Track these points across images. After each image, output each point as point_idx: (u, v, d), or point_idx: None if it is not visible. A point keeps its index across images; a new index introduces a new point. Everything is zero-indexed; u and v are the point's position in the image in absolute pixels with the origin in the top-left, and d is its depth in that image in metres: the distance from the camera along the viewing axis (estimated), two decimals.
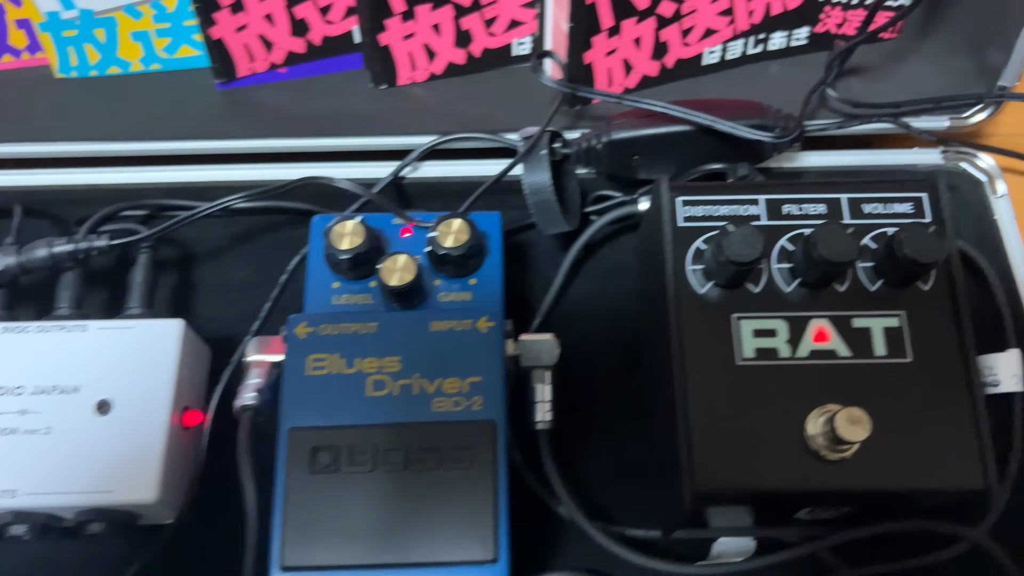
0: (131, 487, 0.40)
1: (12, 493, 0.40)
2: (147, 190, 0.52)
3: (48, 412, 0.42)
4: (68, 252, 0.45)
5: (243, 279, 0.51)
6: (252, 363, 0.42)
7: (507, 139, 0.50)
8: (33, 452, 0.41)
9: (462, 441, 0.38)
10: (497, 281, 0.44)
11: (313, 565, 0.36)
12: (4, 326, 0.44)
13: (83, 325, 0.44)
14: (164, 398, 0.42)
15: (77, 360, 0.43)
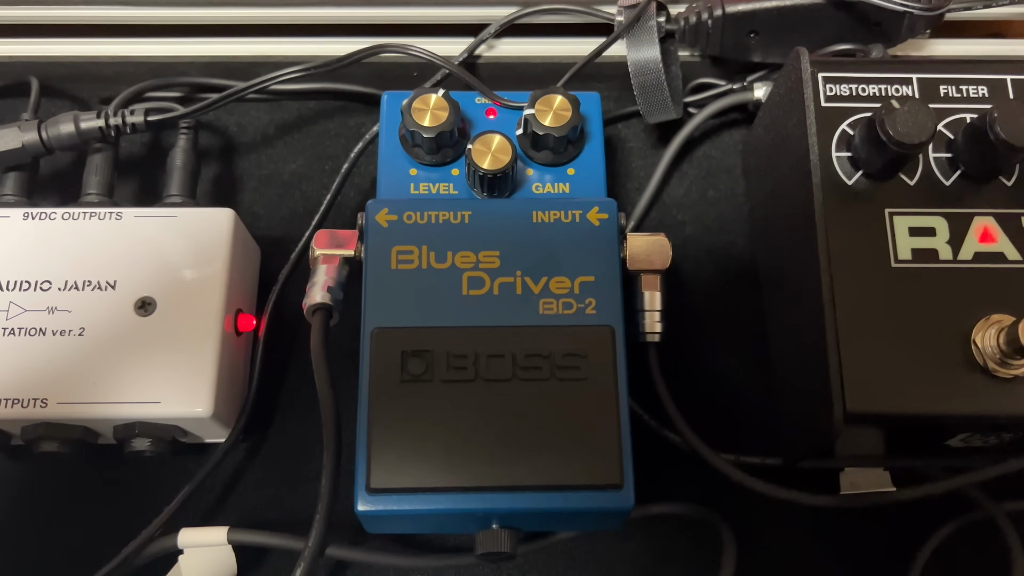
0: (181, 398, 0.35)
1: (43, 402, 0.34)
2: (181, 65, 0.45)
3: (81, 310, 0.36)
4: (98, 129, 0.39)
5: (293, 172, 0.44)
6: (320, 258, 0.36)
7: (602, 11, 0.44)
8: (65, 356, 0.35)
9: (576, 348, 0.32)
10: (599, 170, 0.38)
11: (405, 487, 0.30)
12: (26, 212, 0.37)
13: (118, 212, 0.38)
14: (216, 297, 0.36)
15: (113, 252, 0.37)
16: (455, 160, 0.38)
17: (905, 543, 0.38)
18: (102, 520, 0.38)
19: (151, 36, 0.45)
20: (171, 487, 0.37)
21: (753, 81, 0.42)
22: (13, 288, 0.36)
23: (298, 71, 0.40)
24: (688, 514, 0.37)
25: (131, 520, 0.36)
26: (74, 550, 0.37)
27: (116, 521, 0.37)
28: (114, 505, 0.38)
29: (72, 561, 0.37)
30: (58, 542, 0.38)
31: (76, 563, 0.36)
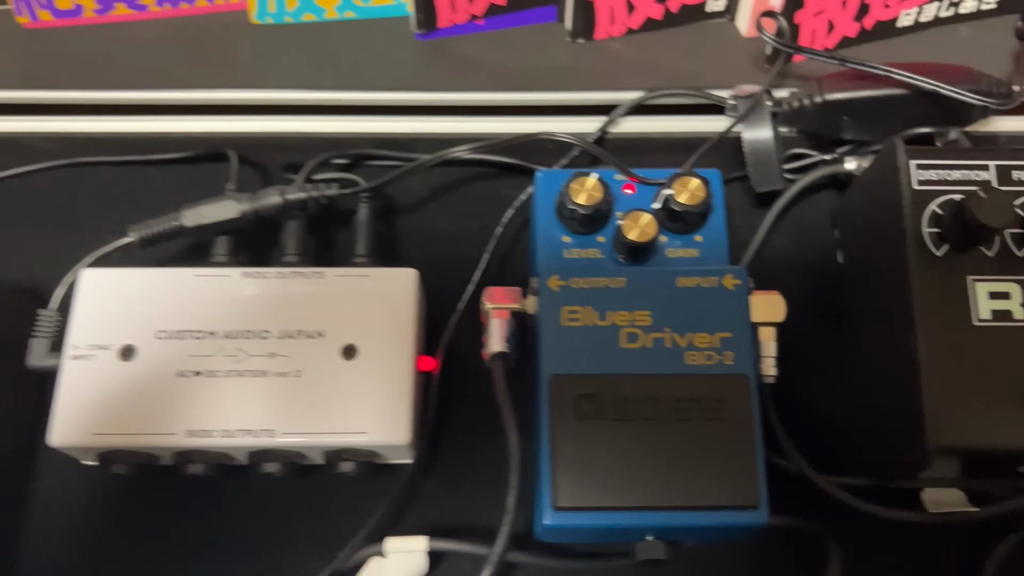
0: (384, 429, 0.42)
1: (270, 433, 0.42)
2: (350, 139, 0.53)
3: (296, 355, 0.43)
4: (300, 201, 0.46)
5: (445, 231, 0.52)
6: (492, 311, 0.43)
7: (715, 95, 0.51)
8: (286, 394, 0.43)
9: (717, 393, 0.39)
10: (722, 237, 0.45)
11: (585, 506, 0.38)
12: (244, 272, 0.45)
13: (320, 272, 0.45)
14: (407, 344, 0.44)
15: (318, 306, 0.44)
16: (601, 229, 0.45)
17: (975, 554, 0.45)
18: (309, 529, 0.45)
19: (322, 115, 0.52)
20: (360, 501, 0.45)
21: (844, 154, 0.50)
22: (238, 336, 0.44)
23: (472, 148, 0.48)
24: (799, 527, 0.44)
25: (330, 529, 0.45)
26: (292, 552, 0.45)
27: (321, 530, 0.45)
28: (318, 517, 0.45)
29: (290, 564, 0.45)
30: (281, 543, 0.45)
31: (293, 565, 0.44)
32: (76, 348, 0.43)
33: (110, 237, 0.50)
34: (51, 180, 0.52)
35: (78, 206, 0.52)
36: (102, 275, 0.45)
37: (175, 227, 0.45)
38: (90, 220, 0.51)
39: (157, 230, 0.45)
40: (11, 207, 0.52)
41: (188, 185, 0.52)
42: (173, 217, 0.45)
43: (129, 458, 0.42)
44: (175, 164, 0.52)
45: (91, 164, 0.52)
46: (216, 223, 0.46)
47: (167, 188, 0.52)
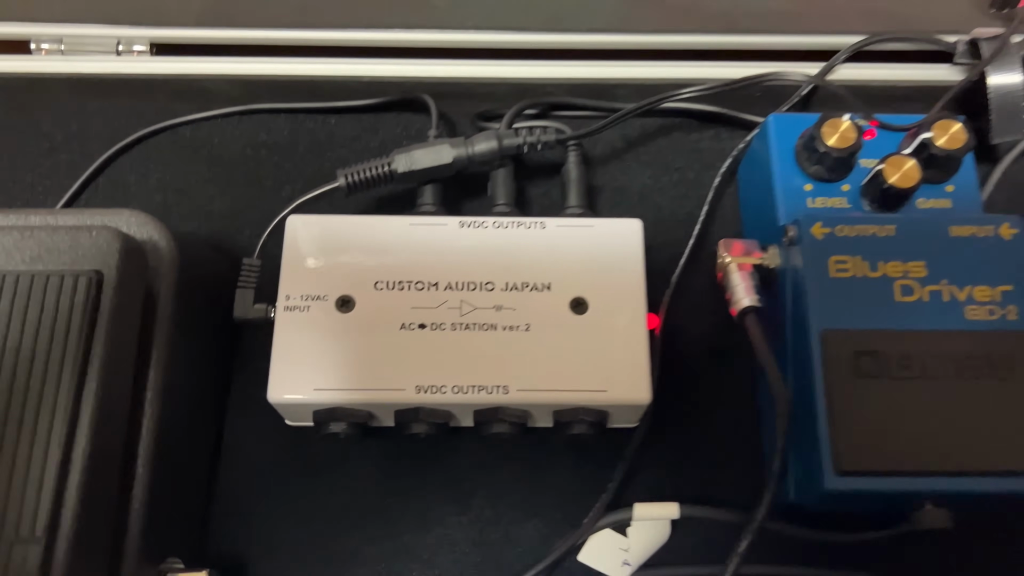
0: (626, 387, 0.39)
1: (505, 389, 0.39)
2: (545, 86, 0.50)
3: (524, 309, 0.41)
4: (515, 147, 0.43)
5: (642, 185, 0.49)
6: (736, 265, 0.40)
7: (943, 40, 0.48)
8: (517, 349, 0.40)
9: (1004, 351, 0.36)
10: (974, 188, 0.42)
11: (870, 469, 0.35)
12: (461, 220, 0.42)
13: (541, 222, 0.42)
14: (639, 298, 0.41)
15: (542, 257, 0.42)
16: (845, 177, 0.42)
17: None
18: (533, 493, 0.42)
19: (519, 59, 0.49)
20: (585, 465, 0.42)
21: None
22: (462, 288, 0.41)
23: (695, 92, 0.45)
24: None
25: (556, 495, 0.42)
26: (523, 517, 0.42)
27: (546, 496, 0.42)
28: (540, 482, 0.42)
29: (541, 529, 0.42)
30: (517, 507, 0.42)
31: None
32: (289, 299, 0.40)
33: (290, 188, 0.48)
34: (228, 128, 0.50)
35: (257, 155, 0.49)
36: (310, 221, 0.42)
37: (385, 172, 0.42)
38: (269, 170, 0.49)
39: (366, 175, 0.42)
40: (187, 154, 0.49)
41: (371, 134, 0.50)
42: (384, 161, 0.43)
43: (349, 416, 0.40)
44: (358, 112, 0.50)
45: (271, 111, 0.49)
46: (428, 169, 0.43)
47: (350, 137, 0.49)
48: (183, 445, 0.40)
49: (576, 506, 0.41)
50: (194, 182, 0.48)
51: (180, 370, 0.39)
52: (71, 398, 0.33)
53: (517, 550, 0.41)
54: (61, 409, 0.33)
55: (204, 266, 0.43)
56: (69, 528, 0.32)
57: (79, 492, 0.33)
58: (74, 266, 0.35)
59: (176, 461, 0.39)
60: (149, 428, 0.37)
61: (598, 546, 0.41)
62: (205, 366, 0.43)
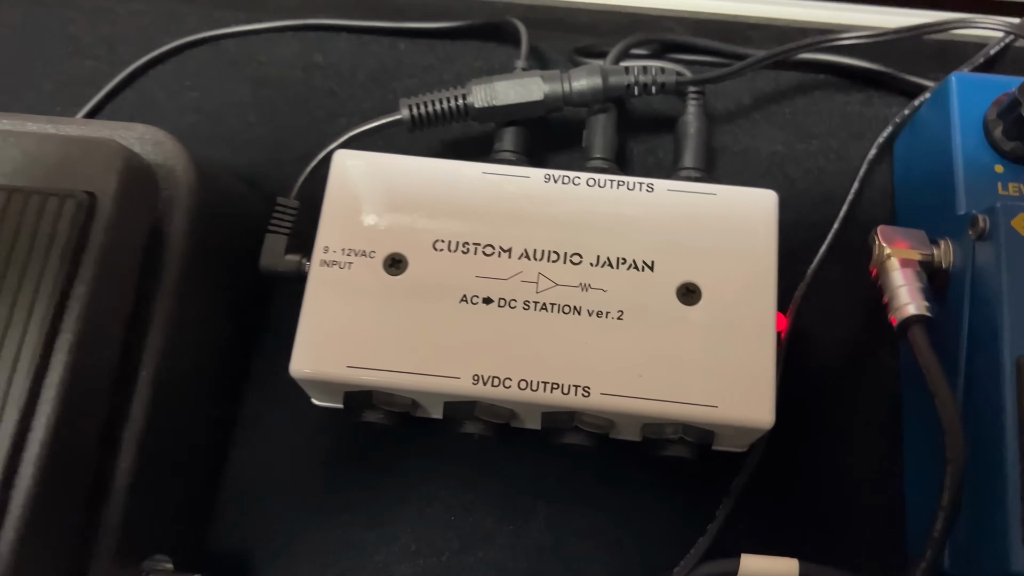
0: (743, 405, 0.30)
1: (586, 391, 0.31)
2: (665, 19, 0.40)
3: (617, 291, 0.32)
4: (624, 87, 0.35)
5: (772, 152, 0.40)
6: (896, 260, 0.31)
7: None
8: (604, 341, 0.31)
9: None
10: None
11: None
12: (546, 174, 0.34)
13: (650, 184, 0.34)
14: (768, 291, 0.32)
15: (647, 229, 0.33)
16: None
17: None
18: (618, 519, 0.34)
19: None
20: (674, 495, 0.34)
21: None
22: (541, 258, 0.33)
23: (848, 39, 0.35)
24: None
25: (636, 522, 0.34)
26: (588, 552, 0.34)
27: (622, 522, 0.34)
28: (615, 513, 0.34)
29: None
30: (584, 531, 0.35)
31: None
32: (328, 251, 0.32)
33: (344, 120, 0.40)
34: (279, 44, 0.42)
35: (308, 79, 0.41)
36: (363, 159, 0.34)
37: (459, 106, 0.34)
38: (321, 97, 0.41)
39: (436, 108, 0.34)
40: (228, 71, 0.41)
41: (446, 64, 0.41)
42: (458, 93, 0.34)
43: (387, 403, 0.32)
44: (431, 37, 0.42)
45: (329, 28, 0.42)
46: (512, 106, 0.34)
47: (420, 67, 0.41)
48: (184, 423, 0.33)
49: (660, 544, 0.33)
50: (233, 104, 0.40)
51: (188, 329, 0.32)
52: (37, 354, 0.26)
53: None
54: (23, 371, 0.26)
55: (233, 203, 0.35)
56: (26, 497, 0.25)
57: (42, 455, 0.25)
58: (62, 184, 0.28)
59: (174, 442, 0.32)
60: (141, 400, 0.30)
61: None
62: (221, 326, 0.36)
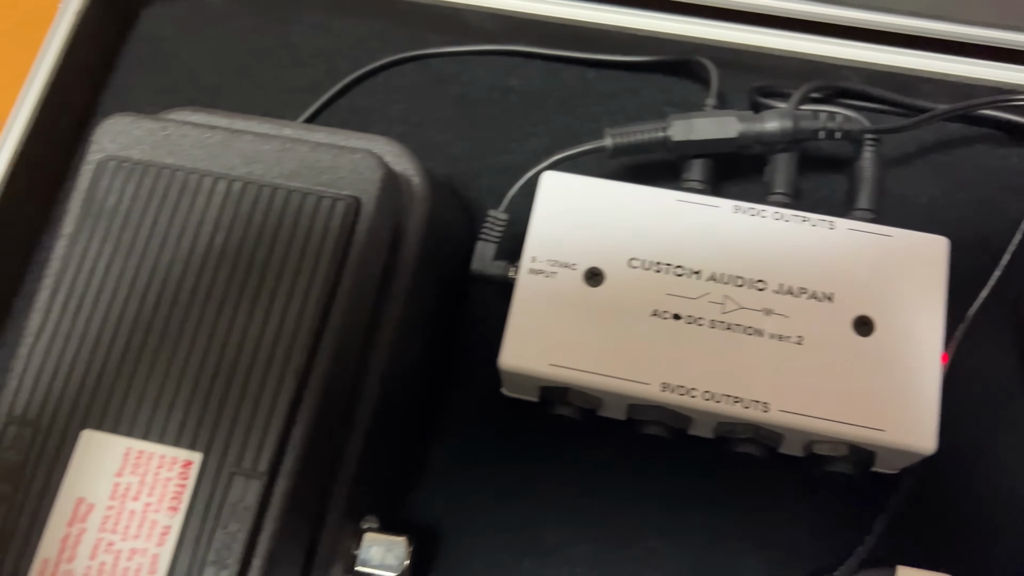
0: (908, 430, 0.33)
1: (765, 407, 0.34)
2: (834, 67, 0.43)
3: (798, 318, 0.35)
4: (811, 131, 0.38)
5: (931, 197, 0.42)
6: None
7: None
8: (784, 363, 0.34)
9: None
10: None
11: None
12: (736, 205, 0.37)
13: (831, 222, 0.37)
14: (935, 329, 0.35)
15: (826, 263, 0.36)
16: None
17: None
18: (774, 524, 0.38)
19: (815, 34, 0.43)
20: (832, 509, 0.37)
21: None
22: (727, 282, 0.36)
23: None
24: None
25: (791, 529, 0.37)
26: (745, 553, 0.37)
27: (777, 527, 0.37)
28: (777, 520, 0.38)
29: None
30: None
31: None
32: (535, 260, 0.36)
33: (535, 141, 0.44)
34: (479, 66, 0.46)
35: (504, 100, 0.45)
36: (568, 180, 0.38)
37: (658, 138, 0.38)
38: (515, 118, 0.45)
39: (637, 139, 0.38)
40: (432, 88, 0.46)
41: (631, 95, 0.45)
42: (659, 126, 0.38)
43: (580, 400, 0.36)
44: (620, 69, 0.45)
45: (526, 55, 0.46)
46: (706, 141, 0.38)
47: (606, 94, 0.45)
48: (402, 399, 0.37)
49: (814, 549, 0.36)
50: (436, 119, 0.45)
51: (413, 318, 0.36)
52: (314, 329, 0.31)
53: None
54: (302, 338, 0.30)
55: (448, 211, 0.40)
56: (291, 469, 0.30)
57: (305, 432, 0.30)
58: (332, 188, 0.33)
59: (393, 415, 0.36)
60: (376, 375, 0.34)
61: None
62: (434, 319, 0.40)
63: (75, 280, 0.31)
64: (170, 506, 0.29)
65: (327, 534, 0.32)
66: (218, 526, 0.28)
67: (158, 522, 0.29)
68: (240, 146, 0.33)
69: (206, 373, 0.30)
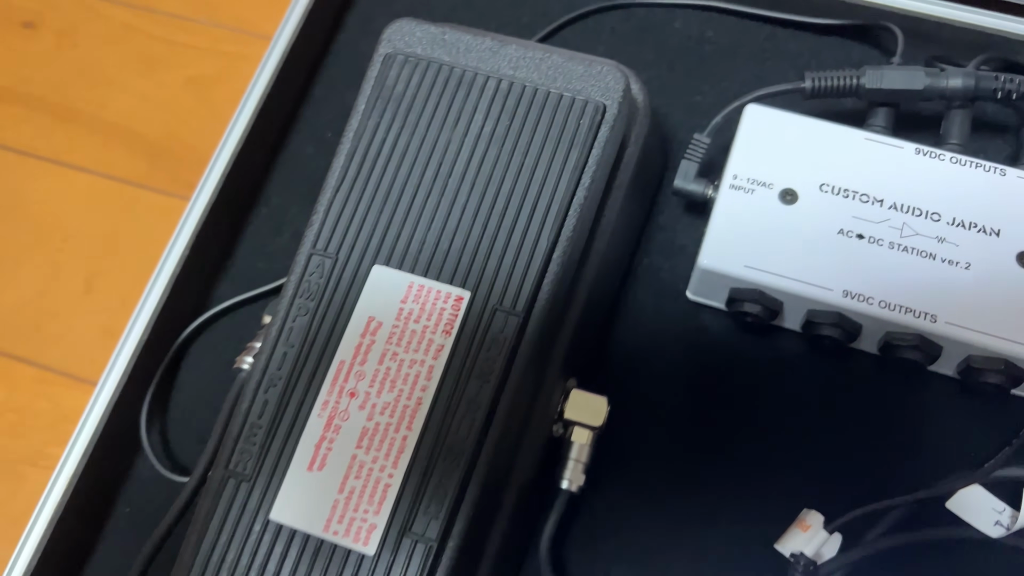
0: None
1: (933, 318, 0.40)
2: (1011, 42, 0.48)
3: (967, 248, 0.40)
4: (989, 90, 0.43)
5: None
6: None
7: None
8: (952, 284, 0.40)
9: None
10: None
11: None
12: (917, 148, 0.42)
13: (1002, 169, 0.41)
14: None
15: (995, 203, 0.41)
16: None
17: None
18: (917, 426, 0.43)
19: (991, 9, 0.48)
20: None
21: None
22: (907, 212, 0.41)
23: None
24: None
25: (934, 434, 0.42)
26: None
27: (923, 429, 0.43)
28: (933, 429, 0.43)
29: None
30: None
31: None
32: (736, 178, 0.42)
33: (727, 84, 0.50)
34: (679, 18, 0.52)
35: (699, 49, 0.51)
36: (768, 114, 0.43)
37: (852, 84, 0.43)
38: (710, 66, 0.50)
39: (833, 83, 0.43)
40: (635, 34, 0.52)
41: (811, 55, 0.50)
42: (854, 74, 0.43)
43: (767, 301, 0.41)
44: (803, 29, 0.50)
45: (720, 11, 0.51)
46: (894, 91, 0.43)
47: (791, 52, 0.50)
48: (608, 282, 0.43)
49: (957, 452, 0.41)
50: (636, 61, 0.51)
51: (622, 224, 0.42)
52: (566, 204, 0.37)
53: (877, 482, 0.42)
54: (555, 209, 0.37)
55: (655, 134, 0.46)
56: (541, 312, 0.36)
57: (551, 288, 0.36)
58: (581, 95, 0.39)
59: (603, 290, 0.43)
60: (597, 254, 0.40)
61: (970, 501, 0.41)
62: (633, 227, 0.46)
63: (368, 147, 0.38)
64: (444, 330, 0.35)
65: (548, 381, 0.39)
66: (482, 349, 0.35)
67: (434, 341, 0.35)
68: (507, 52, 0.40)
69: (476, 228, 0.37)
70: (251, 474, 0.34)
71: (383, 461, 0.34)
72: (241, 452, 0.35)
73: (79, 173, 0.53)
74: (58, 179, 0.53)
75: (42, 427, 0.48)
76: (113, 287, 0.50)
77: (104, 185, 0.53)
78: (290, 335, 0.36)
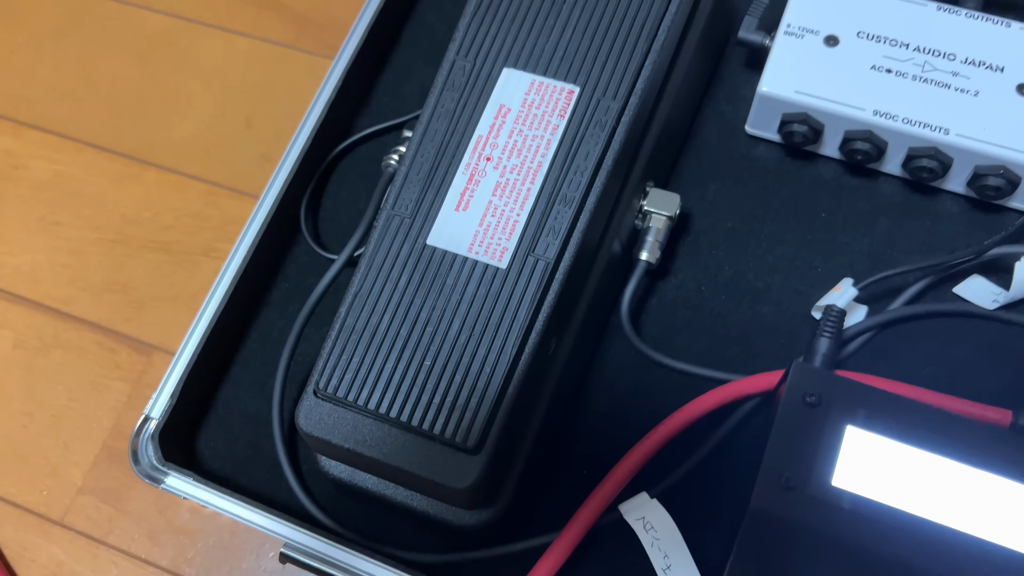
0: None
1: (945, 131, 0.49)
2: None
3: (976, 80, 0.50)
4: None
5: None
6: None
7: None
8: (962, 106, 0.49)
9: None
10: None
11: None
12: (939, 5, 0.52)
13: (1008, 23, 0.51)
14: None
15: (1001, 48, 0.50)
16: None
17: None
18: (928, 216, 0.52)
19: None
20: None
21: None
22: (927, 52, 0.51)
23: None
24: None
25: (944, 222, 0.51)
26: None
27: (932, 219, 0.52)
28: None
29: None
30: None
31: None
32: (790, 26, 0.52)
33: None
34: None
35: None
36: None
37: None
38: None
39: None
40: None
41: None
42: None
43: (812, 123, 0.51)
44: None
45: None
46: None
47: None
48: (683, 106, 0.54)
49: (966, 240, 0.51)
50: None
51: (696, 59, 0.52)
52: (654, 28, 0.47)
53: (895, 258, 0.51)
54: (647, 30, 0.47)
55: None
56: (633, 106, 0.46)
57: (643, 86, 0.46)
58: None
59: (678, 118, 0.53)
60: (674, 82, 0.50)
61: (974, 287, 0.50)
62: (705, 69, 0.56)
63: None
64: (559, 113, 0.46)
65: (635, 171, 0.49)
66: (588, 130, 0.45)
67: (551, 122, 0.46)
68: None
69: (586, 40, 0.47)
70: (411, 214, 0.45)
71: (512, 204, 0.44)
72: (402, 199, 0.45)
73: (239, 37, 0.64)
74: (222, 41, 0.64)
75: (212, 228, 0.59)
76: (269, 124, 0.61)
77: (260, 46, 0.64)
78: (440, 118, 0.46)
